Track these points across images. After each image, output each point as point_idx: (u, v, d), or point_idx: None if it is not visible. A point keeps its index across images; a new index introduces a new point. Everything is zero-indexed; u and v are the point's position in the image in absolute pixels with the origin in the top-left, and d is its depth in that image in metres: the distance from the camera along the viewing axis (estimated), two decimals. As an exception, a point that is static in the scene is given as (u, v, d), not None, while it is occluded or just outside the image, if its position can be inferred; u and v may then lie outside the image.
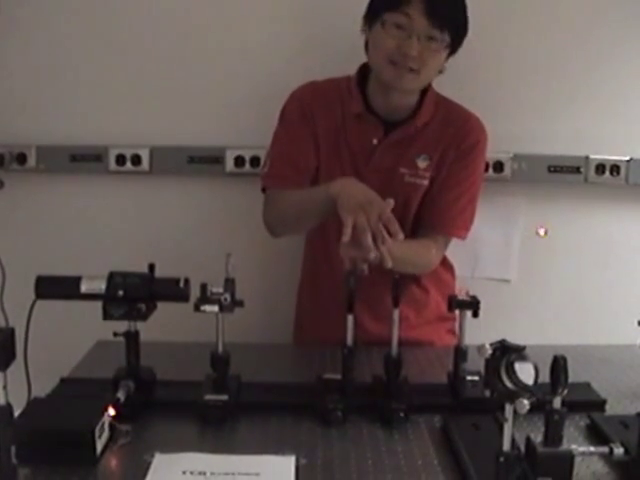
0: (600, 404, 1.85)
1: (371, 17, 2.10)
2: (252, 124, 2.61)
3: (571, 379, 1.38)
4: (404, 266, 1.99)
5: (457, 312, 1.85)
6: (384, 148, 2.21)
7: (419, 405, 1.79)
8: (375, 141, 2.21)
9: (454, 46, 2.08)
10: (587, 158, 2.63)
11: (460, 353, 1.87)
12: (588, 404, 1.84)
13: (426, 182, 2.22)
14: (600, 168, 2.65)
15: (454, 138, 2.21)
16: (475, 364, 1.88)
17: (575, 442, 1.58)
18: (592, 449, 1.53)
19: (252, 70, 2.61)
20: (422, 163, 2.21)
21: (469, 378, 1.87)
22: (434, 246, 2.23)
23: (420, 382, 1.92)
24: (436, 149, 2.21)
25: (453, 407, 1.82)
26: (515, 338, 1.35)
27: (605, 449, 1.52)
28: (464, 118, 2.25)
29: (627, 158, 2.64)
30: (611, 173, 2.65)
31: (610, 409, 1.85)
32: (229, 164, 2.66)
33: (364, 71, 2.23)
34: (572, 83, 2.58)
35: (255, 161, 2.64)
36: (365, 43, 2.16)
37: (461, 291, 1.84)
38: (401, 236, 1.77)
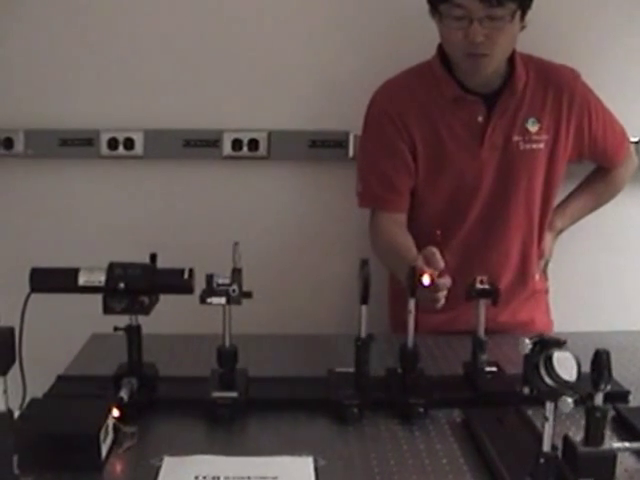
0: (623, 395, 1.78)
1: (430, 7, 2.09)
2: (250, 106, 2.55)
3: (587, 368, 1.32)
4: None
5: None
6: (494, 121, 2.18)
7: (438, 399, 1.72)
8: (480, 118, 2.18)
9: (525, 5, 2.04)
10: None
11: (478, 343, 1.81)
12: (610, 395, 1.73)
13: (542, 146, 2.21)
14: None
15: (559, 103, 2.21)
16: (491, 353, 1.84)
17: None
18: (627, 445, 1.46)
19: (250, 50, 2.53)
20: (532, 127, 2.20)
21: (487, 369, 1.81)
22: (614, 179, 2.43)
23: (436, 374, 1.86)
24: (542, 112, 2.20)
25: (473, 400, 1.74)
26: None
27: (640, 445, 1.45)
28: (558, 77, 2.24)
29: (636, 139, 2.55)
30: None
31: (634, 400, 1.78)
32: (226, 147, 2.58)
33: (444, 51, 2.19)
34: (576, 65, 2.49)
35: (253, 144, 2.57)
36: None
37: (480, 279, 1.76)
38: (441, 265, 1.76)
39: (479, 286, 1.76)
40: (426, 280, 1.70)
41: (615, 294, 2.69)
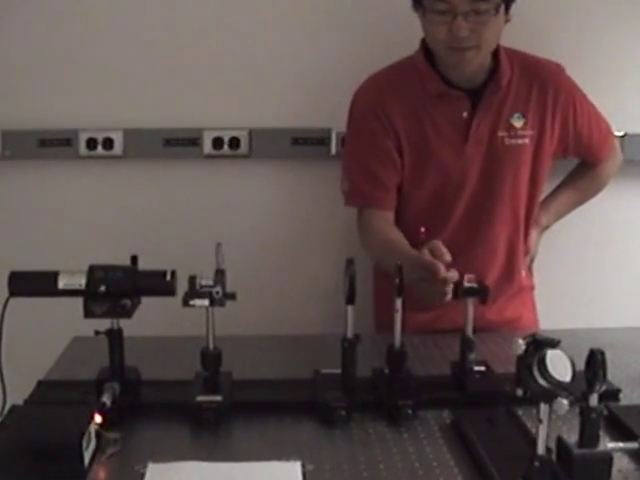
0: (614, 393, 1.75)
1: (413, 1, 2.07)
2: (231, 104, 2.52)
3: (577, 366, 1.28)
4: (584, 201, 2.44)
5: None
6: (479, 117, 2.16)
7: (426, 400, 1.68)
8: (465, 114, 2.16)
9: None
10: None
11: (467, 342, 1.77)
12: (601, 394, 1.72)
13: (527, 141, 2.19)
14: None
15: (544, 98, 2.19)
16: (478, 351, 1.81)
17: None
18: (621, 445, 1.43)
19: (230, 47, 2.50)
20: (517, 122, 2.18)
21: (476, 369, 1.78)
22: (599, 175, 2.41)
23: (423, 374, 1.83)
24: (527, 107, 2.19)
25: (462, 401, 1.71)
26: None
27: (635, 445, 1.42)
28: (543, 72, 2.22)
29: (622, 133, 2.55)
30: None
31: (624, 398, 1.75)
32: (207, 146, 2.55)
33: (427, 46, 2.16)
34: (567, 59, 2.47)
35: (234, 142, 2.54)
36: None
37: (468, 278, 1.73)
38: (448, 258, 1.73)
39: (467, 284, 1.72)
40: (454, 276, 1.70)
41: (600, 291, 2.68)
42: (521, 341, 1.21)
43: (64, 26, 2.47)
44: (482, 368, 1.79)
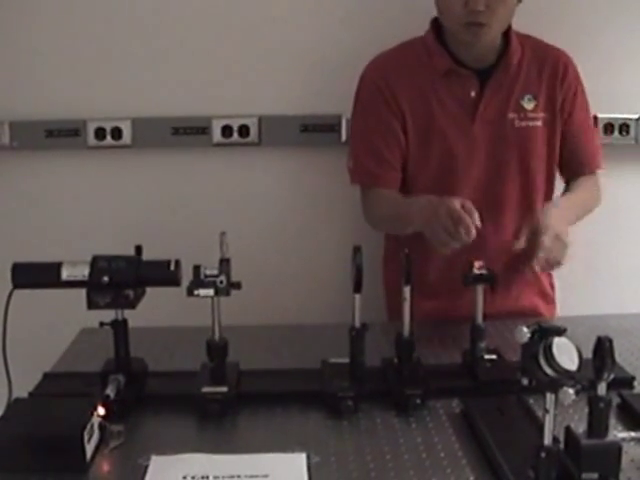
0: (628, 381, 1.72)
1: None
2: (240, 91, 2.49)
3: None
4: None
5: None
6: (487, 97, 2.13)
7: (435, 389, 1.66)
8: (473, 93, 2.13)
9: None
10: (595, 117, 2.47)
11: (477, 331, 1.75)
12: (615, 381, 1.68)
13: (539, 123, 2.16)
14: (609, 127, 2.54)
15: (554, 79, 2.16)
16: (491, 340, 1.78)
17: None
18: (633, 435, 1.40)
19: (238, 33, 2.47)
20: (528, 104, 2.15)
21: (487, 357, 1.76)
22: (595, 187, 2.25)
23: (433, 363, 1.81)
24: (539, 88, 2.15)
25: (472, 390, 1.69)
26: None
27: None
28: (554, 55, 2.19)
29: (636, 116, 2.52)
30: (620, 132, 2.55)
31: (639, 386, 1.72)
32: (216, 134, 2.52)
33: (437, 25, 2.15)
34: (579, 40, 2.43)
35: (243, 130, 2.51)
36: None
37: (477, 265, 1.70)
38: (478, 223, 1.74)
39: (476, 271, 1.69)
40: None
41: (616, 277, 2.65)
42: (525, 329, 1.18)
43: (70, 16, 2.44)
44: (493, 356, 1.77)
